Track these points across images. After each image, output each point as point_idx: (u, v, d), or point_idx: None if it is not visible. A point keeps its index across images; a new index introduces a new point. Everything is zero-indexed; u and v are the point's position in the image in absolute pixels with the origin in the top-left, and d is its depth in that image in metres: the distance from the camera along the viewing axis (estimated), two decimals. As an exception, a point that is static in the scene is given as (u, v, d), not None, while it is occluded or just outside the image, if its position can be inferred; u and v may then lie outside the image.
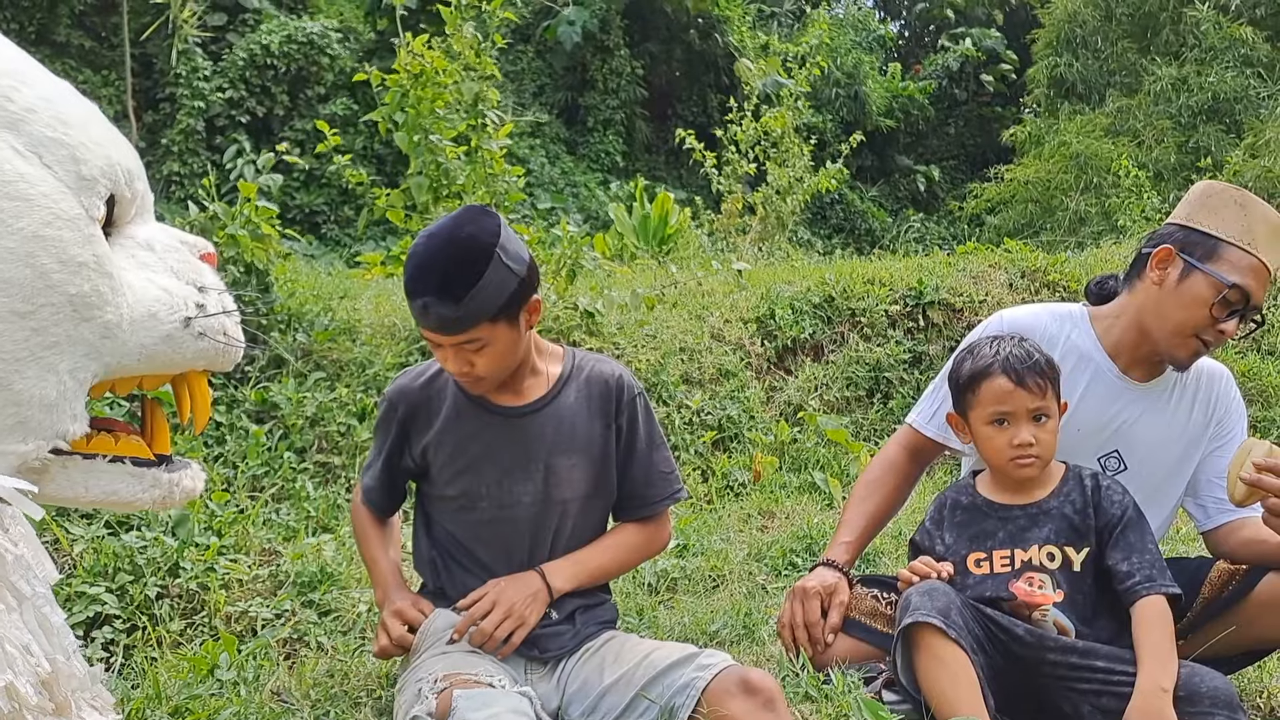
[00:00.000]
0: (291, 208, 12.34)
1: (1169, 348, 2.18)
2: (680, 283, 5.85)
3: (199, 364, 1.61)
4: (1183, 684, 1.84)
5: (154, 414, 1.67)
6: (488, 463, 2.03)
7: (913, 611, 1.90)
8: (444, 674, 1.82)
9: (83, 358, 1.42)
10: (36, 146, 1.39)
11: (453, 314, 1.83)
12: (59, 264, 1.37)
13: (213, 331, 1.58)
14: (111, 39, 12.76)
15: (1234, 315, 2.14)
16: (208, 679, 2.26)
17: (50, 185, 1.38)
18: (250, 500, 3.46)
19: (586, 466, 2.08)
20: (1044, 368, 2.05)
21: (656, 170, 15.84)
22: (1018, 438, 2.02)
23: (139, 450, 1.60)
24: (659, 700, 1.87)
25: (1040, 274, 6.05)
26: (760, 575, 3.30)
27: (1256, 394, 5.31)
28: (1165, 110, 12.38)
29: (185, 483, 1.64)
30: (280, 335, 4.28)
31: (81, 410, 1.45)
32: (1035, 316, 2.32)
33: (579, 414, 2.08)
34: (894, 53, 20.30)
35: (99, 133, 1.49)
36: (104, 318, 1.43)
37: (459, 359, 1.91)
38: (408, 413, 2.07)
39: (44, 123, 1.40)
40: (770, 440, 4.67)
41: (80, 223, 1.41)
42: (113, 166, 1.48)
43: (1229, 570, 2.13)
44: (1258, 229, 2.15)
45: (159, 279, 1.55)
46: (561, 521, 2.07)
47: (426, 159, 4.57)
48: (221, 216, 4.14)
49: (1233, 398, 2.31)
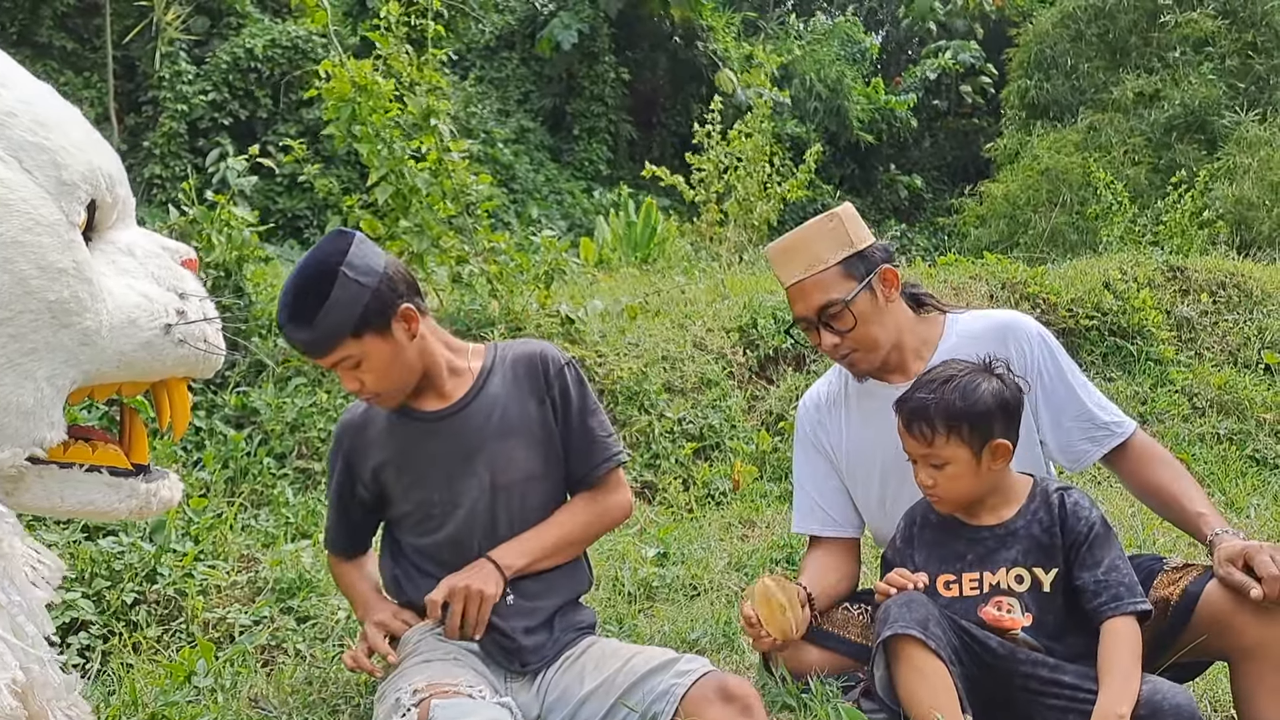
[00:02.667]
0: (274, 213, 12.28)
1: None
2: (664, 290, 5.86)
3: (179, 371, 1.61)
4: (1145, 701, 1.83)
5: (132, 422, 1.67)
6: (431, 469, 2.06)
7: (892, 623, 1.90)
8: (425, 684, 1.82)
9: (61, 364, 1.41)
10: (16, 150, 1.38)
11: (309, 336, 1.89)
12: (38, 270, 1.36)
13: (193, 339, 1.58)
14: (94, 41, 12.69)
15: (812, 330, 2.27)
16: (185, 685, 2.25)
17: (30, 190, 1.37)
18: (228, 506, 3.45)
19: (529, 447, 2.09)
20: (937, 416, 1.97)
21: (640, 178, 15.87)
22: (918, 475, 2.04)
23: (116, 460, 1.59)
24: (638, 708, 1.87)
25: (1020, 285, 6.09)
26: (740, 584, 3.31)
27: (1232, 406, 5.35)
28: (1137, 126, 12.51)
29: (163, 493, 1.64)
30: (261, 340, 4.27)
31: (59, 418, 1.43)
32: (818, 387, 2.48)
33: (510, 397, 2.10)
34: (876, 66, 20.42)
35: (80, 137, 1.48)
36: (83, 324, 1.42)
37: (347, 378, 1.97)
38: (351, 444, 2.12)
39: (24, 127, 1.39)
40: (751, 449, 4.68)
41: (60, 228, 1.40)
42: (94, 171, 1.47)
43: (1164, 596, 2.12)
44: (774, 270, 2.35)
45: (139, 285, 1.54)
46: (510, 506, 2.07)
47: (389, 167, 4.58)
48: (201, 221, 4.12)
49: (1028, 350, 2.28)
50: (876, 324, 2.23)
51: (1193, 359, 5.78)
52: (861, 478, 2.35)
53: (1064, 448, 2.29)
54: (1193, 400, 5.41)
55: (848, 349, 2.24)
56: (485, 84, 15.33)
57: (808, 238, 2.25)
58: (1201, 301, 6.22)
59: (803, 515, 2.42)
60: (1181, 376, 5.51)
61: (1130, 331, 5.78)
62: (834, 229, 2.24)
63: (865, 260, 2.24)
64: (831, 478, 2.40)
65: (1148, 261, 6.45)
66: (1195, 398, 5.42)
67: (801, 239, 2.26)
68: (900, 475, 2.17)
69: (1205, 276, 6.42)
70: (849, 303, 2.20)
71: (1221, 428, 5.19)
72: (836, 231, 2.24)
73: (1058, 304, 5.81)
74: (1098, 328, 5.74)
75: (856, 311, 2.20)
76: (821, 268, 2.21)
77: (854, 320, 2.21)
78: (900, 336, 2.28)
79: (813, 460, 2.42)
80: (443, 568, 2.05)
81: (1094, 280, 6.04)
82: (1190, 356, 5.81)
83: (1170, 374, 5.54)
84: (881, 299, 2.24)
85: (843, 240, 2.23)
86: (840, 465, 2.39)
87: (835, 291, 2.20)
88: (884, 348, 2.25)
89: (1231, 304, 6.27)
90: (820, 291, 2.21)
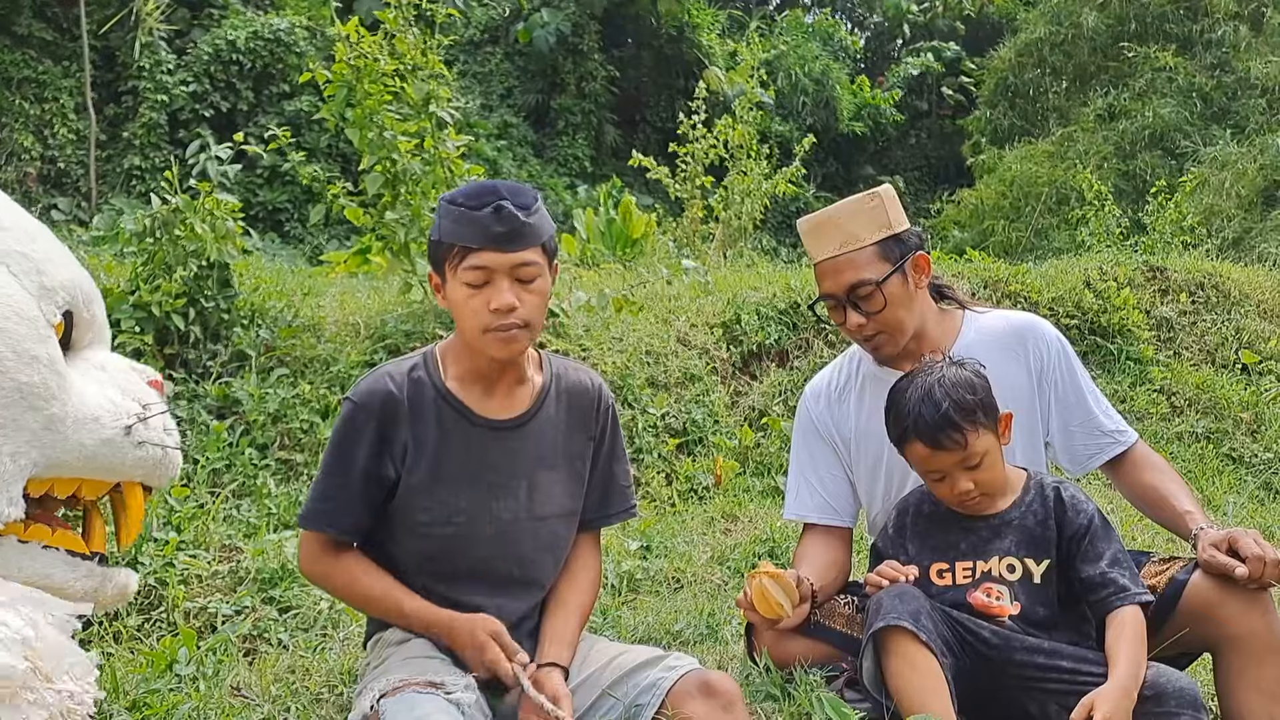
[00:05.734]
0: (255, 205, 12.21)
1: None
2: (649, 283, 5.86)
3: (136, 474, 1.72)
4: (1150, 683, 1.86)
5: (92, 517, 1.78)
6: (468, 477, 1.94)
7: (884, 615, 1.91)
8: (400, 679, 1.80)
9: (25, 444, 1.52)
10: (4, 257, 1.54)
11: (524, 218, 1.84)
12: (13, 354, 1.49)
13: (151, 441, 1.70)
14: (73, 30, 12.56)
15: (842, 312, 2.24)
16: (166, 674, 2.24)
17: (14, 288, 1.53)
18: (210, 496, 3.43)
19: (569, 481, 2.04)
20: (959, 417, 1.96)
21: (624, 175, 15.85)
22: (956, 488, 2.02)
23: (74, 544, 1.68)
24: (624, 699, 1.87)
25: (1002, 284, 6.13)
26: (723, 578, 3.31)
27: (1210, 406, 5.41)
28: (1109, 136, 12.67)
29: (119, 579, 1.74)
30: (243, 331, 4.24)
31: (18, 495, 1.53)
32: (823, 375, 2.47)
33: (560, 427, 2.03)
34: (860, 64, 20.49)
35: (61, 256, 1.66)
36: (50, 410, 1.54)
37: (511, 291, 1.84)
38: (386, 414, 1.91)
39: (14, 238, 1.57)
40: (734, 445, 4.69)
41: (38, 323, 1.55)
42: (73, 283, 1.64)
43: (1150, 587, 2.14)
44: (805, 243, 2.31)
45: (107, 390, 1.68)
46: (539, 537, 2.00)
47: (381, 154, 4.52)
48: (184, 209, 4.09)
49: (1045, 354, 2.31)
50: (905, 309, 2.22)
51: (1171, 358, 5.83)
52: (869, 467, 2.34)
53: (1069, 451, 2.32)
54: (1171, 399, 5.46)
55: (873, 330, 2.22)
56: (469, 78, 15.28)
57: (845, 215, 2.22)
58: (1181, 302, 6.28)
59: (799, 502, 2.41)
60: (1160, 375, 5.56)
61: (1110, 330, 5.83)
62: (874, 208, 2.21)
63: (901, 244, 2.22)
64: (835, 466, 2.39)
65: (1128, 261, 6.50)
66: (1174, 397, 5.47)
67: (838, 215, 2.22)
68: (907, 465, 2.17)
69: (1184, 277, 6.48)
70: (881, 284, 2.17)
71: (1199, 427, 5.24)
72: (876, 211, 2.21)
73: (1039, 302, 5.85)
74: (1078, 326, 5.78)
75: (887, 294, 2.18)
76: (857, 246, 2.19)
77: (884, 302, 2.19)
78: (924, 325, 2.28)
79: (815, 448, 2.41)
80: (441, 580, 1.95)
81: (1075, 279, 6.09)
82: (1169, 356, 5.86)
83: (1149, 373, 5.59)
84: (912, 285, 2.23)
85: (881, 221, 2.21)
86: (847, 455, 2.38)
87: (868, 271, 2.18)
88: (908, 334, 2.24)
89: (1210, 304, 6.34)
90: (853, 270, 2.19)
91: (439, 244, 1.89)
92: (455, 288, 1.88)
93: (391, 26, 4.62)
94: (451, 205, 1.88)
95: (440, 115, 4.62)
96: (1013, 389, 2.25)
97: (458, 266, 1.86)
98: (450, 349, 2.02)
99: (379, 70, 4.45)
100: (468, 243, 1.84)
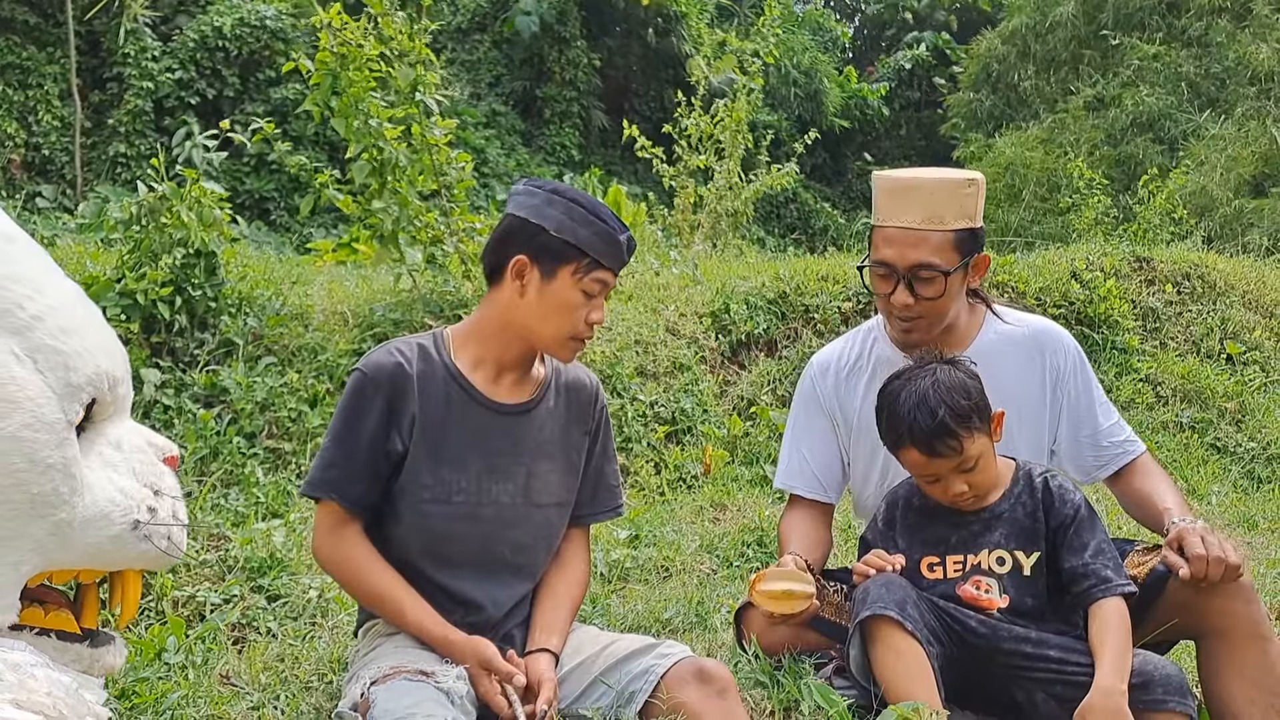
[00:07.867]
0: (241, 193, 12.13)
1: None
2: (637, 272, 5.86)
3: (137, 564, 1.73)
4: (1137, 671, 1.88)
5: (87, 590, 1.78)
6: (473, 456, 1.97)
7: (871, 604, 1.92)
8: (390, 667, 1.81)
9: (28, 552, 1.52)
10: (34, 352, 1.51)
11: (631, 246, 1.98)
12: (29, 464, 1.48)
13: (157, 537, 1.69)
14: (57, 16, 12.44)
15: (893, 284, 2.18)
16: (155, 662, 2.23)
17: (38, 389, 1.51)
18: (198, 484, 3.42)
19: (565, 473, 2.07)
20: (956, 424, 1.96)
21: (612, 164, 15.82)
22: (951, 490, 2.03)
23: (67, 624, 1.70)
24: (616, 686, 1.89)
25: (989, 274, 6.14)
26: (712, 566, 3.33)
27: (1194, 395, 5.45)
28: (1097, 124, 12.68)
29: (107, 659, 1.75)
30: (230, 319, 4.22)
31: (14, 601, 1.54)
32: (834, 349, 2.44)
33: (560, 419, 2.07)
34: (848, 55, 20.47)
35: (95, 340, 1.63)
36: (58, 516, 1.53)
37: (601, 305, 1.98)
38: (395, 388, 1.92)
39: (48, 331, 1.54)
40: (723, 434, 4.70)
41: (58, 427, 1.52)
42: (100, 375, 1.61)
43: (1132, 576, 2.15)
44: (879, 201, 2.22)
45: (118, 479, 1.66)
46: (534, 524, 2.04)
47: (367, 142, 4.49)
48: (170, 197, 4.06)
49: (1062, 363, 2.32)
50: (954, 302, 2.22)
51: (1157, 348, 5.87)
52: (867, 449, 2.34)
53: (1076, 461, 2.33)
54: (1156, 389, 5.49)
55: (917, 314, 2.18)
56: (457, 66, 15.21)
57: (936, 189, 2.15)
58: (1166, 292, 6.31)
59: (790, 472, 2.41)
60: (1146, 365, 5.59)
61: (1096, 321, 5.85)
62: (967, 195, 2.16)
63: (975, 240, 2.20)
64: (830, 442, 2.39)
65: (1115, 252, 6.53)
66: (1159, 386, 5.51)
67: (929, 187, 2.15)
68: None
69: (1170, 267, 6.51)
70: (948, 273, 2.14)
71: (1184, 416, 5.28)
72: (968, 200, 2.16)
73: (1026, 292, 5.87)
74: (1064, 316, 5.81)
75: (948, 284, 2.16)
76: (939, 227, 2.14)
77: (942, 291, 2.16)
78: (956, 320, 2.28)
79: (814, 420, 2.40)
80: (445, 562, 1.97)
81: (1061, 270, 6.11)
82: (1155, 346, 5.89)
83: (1135, 363, 5.62)
84: (966, 281, 2.24)
85: (969, 210, 2.17)
86: (846, 435, 2.38)
87: (939, 257, 2.13)
88: (944, 326, 2.24)
89: (1196, 295, 6.37)
90: (926, 250, 2.14)
91: (570, 246, 1.90)
92: (566, 289, 1.92)
93: (376, 10, 4.57)
94: (593, 217, 1.90)
95: (427, 102, 4.58)
96: (1025, 395, 2.26)
97: (584, 275, 1.91)
98: (465, 332, 2.04)
99: (364, 56, 4.40)
100: (606, 261, 1.91)
